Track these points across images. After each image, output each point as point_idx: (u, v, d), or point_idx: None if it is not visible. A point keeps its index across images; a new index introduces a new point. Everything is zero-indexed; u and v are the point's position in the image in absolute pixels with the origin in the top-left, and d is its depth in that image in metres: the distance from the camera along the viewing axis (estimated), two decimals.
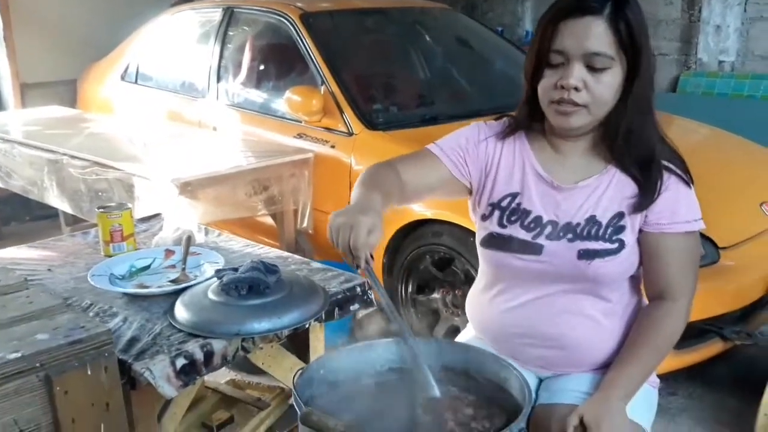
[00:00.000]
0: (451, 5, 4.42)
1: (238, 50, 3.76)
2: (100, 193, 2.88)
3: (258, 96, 3.62)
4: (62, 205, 3.17)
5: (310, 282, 1.64)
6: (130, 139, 3.41)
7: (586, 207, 1.34)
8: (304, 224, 3.09)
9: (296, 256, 1.91)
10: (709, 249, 2.42)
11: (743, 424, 2.42)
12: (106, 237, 1.85)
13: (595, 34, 1.22)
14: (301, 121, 3.20)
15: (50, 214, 3.86)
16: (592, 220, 1.32)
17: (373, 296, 1.65)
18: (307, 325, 1.54)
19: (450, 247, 2.68)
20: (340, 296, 1.64)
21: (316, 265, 1.83)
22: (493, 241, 1.39)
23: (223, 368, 2.51)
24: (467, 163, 1.40)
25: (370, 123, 3.04)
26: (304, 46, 3.31)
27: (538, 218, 1.35)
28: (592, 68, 1.24)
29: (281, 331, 1.47)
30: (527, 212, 1.36)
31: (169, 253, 1.82)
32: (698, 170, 2.65)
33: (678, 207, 1.31)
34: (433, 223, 2.68)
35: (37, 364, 1.17)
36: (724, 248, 2.43)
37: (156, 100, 4.07)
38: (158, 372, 1.33)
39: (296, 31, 3.37)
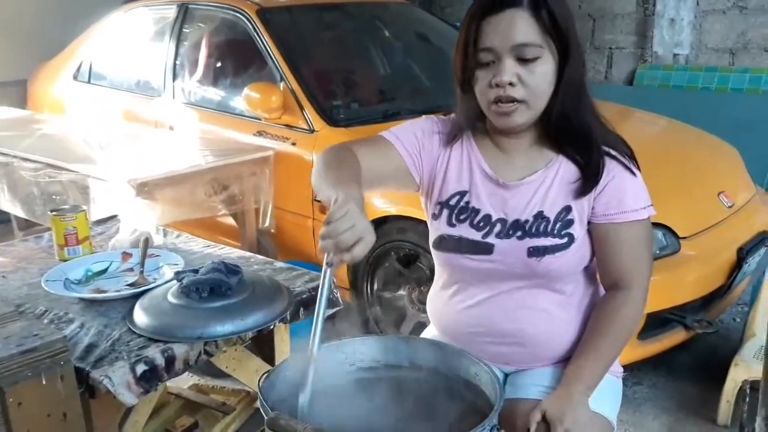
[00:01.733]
0: (409, 0, 4.41)
1: (193, 47, 3.70)
2: (53, 196, 2.81)
3: (215, 94, 3.57)
4: (14, 209, 3.08)
5: (274, 282, 1.61)
6: (84, 140, 3.32)
7: (533, 203, 1.33)
8: (266, 223, 3.06)
9: (258, 256, 1.89)
10: (670, 239, 2.45)
11: (707, 410, 2.47)
12: (60, 241, 1.80)
13: (519, 25, 1.22)
14: (260, 119, 3.16)
15: (2, 219, 3.74)
16: (540, 216, 1.32)
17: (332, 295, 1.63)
18: (271, 327, 1.52)
19: (415, 243, 2.68)
20: (305, 296, 1.62)
21: (279, 264, 1.81)
22: (444, 243, 1.38)
23: (186, 373, 2.49)
24: (421, 156, 1.38)
25: (331, 119, 3.02)
26: (262, 42, 3.27)
27: (487, 216, 1.35)
28: (523, 60, 1.23)
29: (245, 334, 1.45)
30: (476, 211, 1.36)
31: (126, 255, 1.78)
32: (657, 162, 2.74)
33: (624, 196, 1.31)
34: (398, 219, 2.67)
35: None
36: (684, 238, 2.47)
37: (110, 99, 3.98)
38: (118, 379, 1.30)
39: (253, 26, 3.33)
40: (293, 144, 3.05)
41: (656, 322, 2.43)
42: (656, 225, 2.43)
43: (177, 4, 3.78)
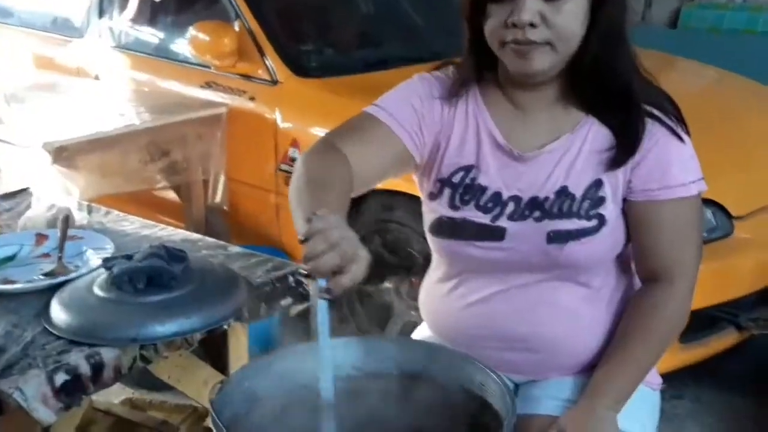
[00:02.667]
0: None
1: None
2: None
3: (153, 35, 3.56)
4: None
5: (228, 271, 1.61)
6: None
7: (555, 177, 1.33)
8: (217, 199, 3.08)
9: (208, 239, 1.89)
10: (721, 219, 2.48)
11: (761, 429, 2.50)
12: None
13: None
14: (209, 67, 3.16)
15: None
16: (563, 193, 1.32)
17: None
18: (225, 327, 1.51)
19: (404, 224, 2.70)
20: (267, 288, 1.62)
21: (234, 249, 1.81)
22: (445, 227, 1.38)
23: (118, 385, 2.49)
24: (423, 132, 1.38)
25: (300, 68, 3.03)
26: None
27: (497, 195, 1.35)
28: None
29: (191, 335, 1.44)
30: (483, 189, 1.36)
31: (41, 238, 1.78)
32: (705, 124, 2.75)
33: (669, 167, 1.31)
34: (383, 194, 2.69)
35: None
36: (738, 218, 2.50)
37: (19, 41, 3.98)
38: (31, 392, 1.28)
39: None
40: (251, 99, 3.05)
41: (702, 322, 2.44)
42: (704, 202, 2.44)
43: None
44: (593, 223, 1.31)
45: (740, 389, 2.76)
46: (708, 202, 2.43)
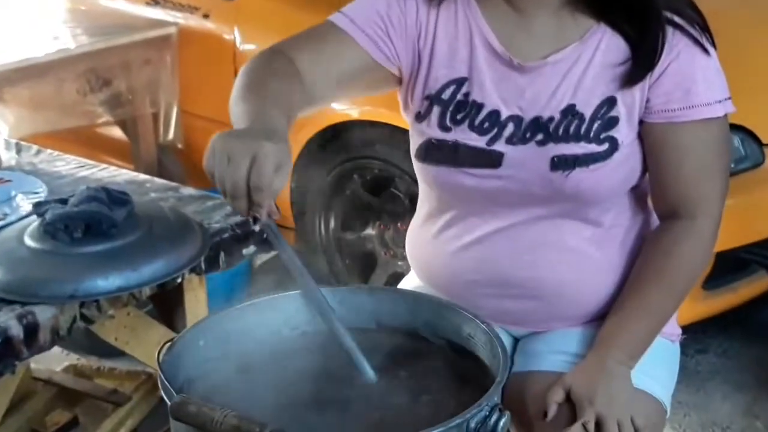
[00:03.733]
0: None
1: None
2: None
3: None
4: None
5: (181, 216, 1.62)
6: None
7: (561, 93, 1.33)
8: (170, 135, 3.10)
9: (158, 180, 1.91)
10: (751, 147, 2.50)
11: None
12: None
13: None
14: None
15: None
16: (570, 112, 1.32)
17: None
18: (178, 280, 1.53)
19: (387, 160, 2.71)
20: (226, 235, 1.63)
21: (188, 191, 1.82)
22: (433, 151, 1.38)
23: (60, 350, 2.50)
24: (391, 38, 1.36)
25: None
26: None
27: (494, 114, 1.34)
28: None
29: (140, 290, 1.46)
30: (479, 106, 1.35)
31: None
32: (734, 38, 2.74)
33: (693, 84, 1.30)
34: (363, 126, 2.69)
35: None
36: None
37: None
38: None
39: None
40: (205, 17, 3.04)
41: (728, 265, 2.49)
42: (731, 128, 2.44)
43: None
44: (604, 147, 1.32)
45: None
46: (735, 128, 2.43)
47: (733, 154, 2.46)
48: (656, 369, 1.40)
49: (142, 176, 1.94)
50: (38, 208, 1.52)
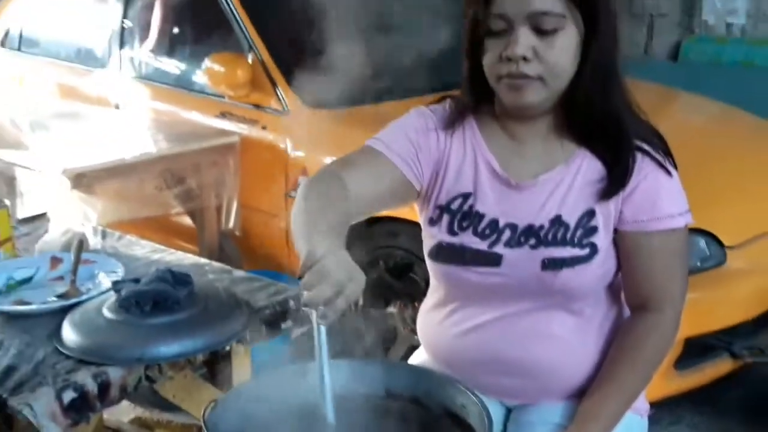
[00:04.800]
0: None
1: (145, 9, 3.72)
2: None
3: (171, 66, 3.60)
4: None
5: (231, 295, 1.64)
6: (12, 121, 3.36)
7: (550, 206, 1.34)
8: (230, 224, 3.09)
9: (215, 264, 1.92)
10: (715, 249, 2.48)
11: None
12: None
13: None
14: (224, 97, 3.19)
15: None
16: (557, 221, 1.33)
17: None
18: (227, 348, 1.54)
19: (408, 250, 2.71)
20: (268, 311, 1.64)
21: (238, 274, 1.84)
22: (443, 252, 1.39)
23: (128, 403, 2.50)
24: (420, 162, 1.38)
25: (310, 99, 3.05)
26: (227, 3, 3.29)
27: (494, 222, 1.36)
28: (540, 31, 1.24)
29: (194, 356, 1.47)
30: (481, 216, 1.37)
31: (55, 261, 1.80)
32: (703, 155, 2.77)
33: (658, 199, 1.32)
34: (388, 221, 2.70)
35: None
36: (731, 247, 2.50)
37: (44, 71, 4.01)
38: (41, 408, 1.31)
39: None
40: (263, 128, 3.07)
41: (697, 349, 2.45)
42: (697, 231, 2.44)
43: None
44: (586, 251, 1.32)
45: (738, 417, 2.73)
46: (701, 232, 2.43)
47: (700, 255, 2.45)
48: None
49: (203, 260, 1.96)
50: (116, 285, 1.56)
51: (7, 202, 1.93)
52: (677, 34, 5.39)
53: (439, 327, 1.47)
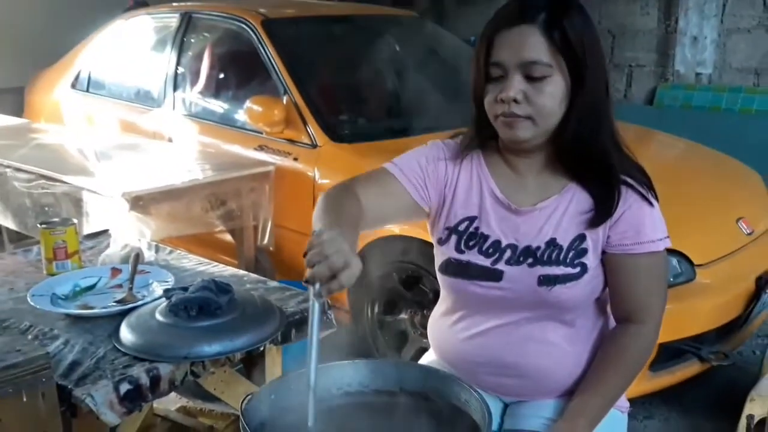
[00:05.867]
0: (420, 14, 4.45)
1: (195, 57, 3.76)
2: (46, 208, 2.85)
3: (217, 106, 3.61)
4: (5, 220, 3.12)
5: (265, 302, 1.63)
6: (80, 151, 3.38)
7: (546, 230, 1.34)
8: (265, 241, 3.09)
9: (252, 275, 1.91)
10: (685, 266, 2.46)
11: None
12: (48, 254, 1.83)
13: (529, 42, 1.24)
14: (262, 133, 3.20)
15: None
16: (552, 243, 1.33)
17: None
18: (261, 348, 1.54)
19: (418, 264, 2.69)
20: (297, 317, 1.64)
21: (272, 284, 1.83)
22: (452, 267, 1.39)
23: (175, 394, 2.50)
24: (427, 186, 1.39)
25: (335, 135, 3.06)
26: (266, 53, 3.32)
27: (497, 243, 1.36)
28: (531, 78, 1.25)
29: (233, 355, 1.47)
30: (485, 237, 1.37)
31: (115, 271, 1.81)
32: (674, 186, 2.76)
33: (642, 226, 1.32)
34: (401, 239, 2.69)
35: None
36: (700, 266, 2.48)
37: (109, 109, 4.05)
38: (100, 398, 1.31)
39: (257, 38, 3.38)
40: (295, 159, 3.08)
41: (669, 353, 2.43)
42: (671, 252, 2.42)
43: (180, 13, 3.85)
44: (577, 270, 1.32)
45: (704, 412, 2.69)
46: (674, 252, 2.41)
47: (673, 271, 2.43)
48: None
49: (242, 272, 1.95)
50: (167, 293, 1.56)
51: (74, 220, 1.94)
52: (653, 82, 5.38)
53: (447, 332, 1.46)
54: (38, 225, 1.87)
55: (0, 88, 4.96)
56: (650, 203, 1.33)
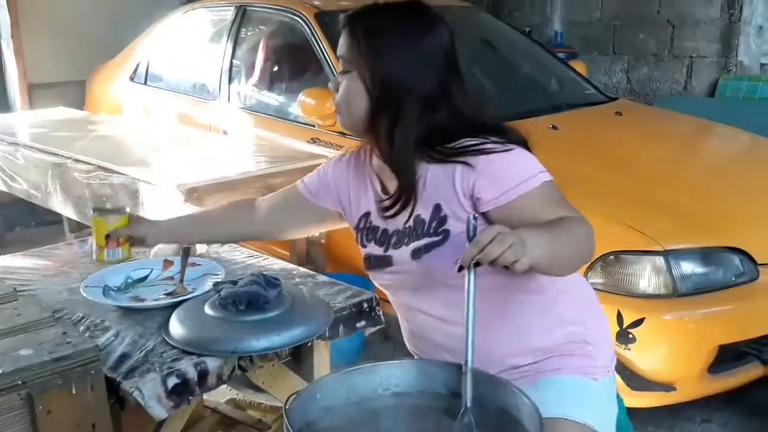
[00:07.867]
0: (475, 4, 4.38)
1: (250, 50, 3.78)
2: (103, 198, 2.88)
3: (270, 98, 3.63)
4: (66, 210, 3.18)
5: (314, 297, 1.62)
6: (138, 143, 3.43)
7: (413, 208, 1.38)
8: (316, 234, 3.07)
9: (301, 269, 1.90)
10: (748, 265, 2.37)
11: None
12: (100, 241, 1.83)
13: (342, 39, 1.39)
14: (314, 125, 3.20)
15: (56, 219, 3.87)
16: (417, 219, 1.37)
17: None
18: (309, 344, 1.52)
19: None
20: (345, 312, 1.62)
21: (321, 278, 1.81)
22: (366, 263, 1.48)
23: (225, 386, 2.51)
24: (321, 193, 1.55)
25: None
26: (319, 46, 3.31)
27: (385, 231, 1.43)
28: (341, 72, 1.39)
29: (281, 350, 1.46)
30: (376, 228, 1.45)
31: (167, 264, 1.81)
32: (737, 180, 2.64)
33: (502, 177, 1.28)
34: None
35: (19, 382, 1.17)
36: (763, 265, 2.38)
37: (166, 101, 4.10)
38: (148, 392, 1.31)
39: (311, 30, 3.37)
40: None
41: (730, 355, 2.35)
42: (732, 250, 2.36)
43: (235, 6, 3.87)
44: (440, 237, 1.34)
45: (764, 418, 2.58)
46: (735, 251, 2.33)
47: (734, 271, 2.35)
48: (582, 403, 1.34)
49: (291, 266, 1.95)
50: (216, 286, 1.55)
51: (127, 208, 1.94)
52: (714, 73, 5.20)
53: (403, 326, 1.52)
54: (90, 212, 1.87)
55: (63, 82, 5.07)
56: (504, 151, 1.30)
